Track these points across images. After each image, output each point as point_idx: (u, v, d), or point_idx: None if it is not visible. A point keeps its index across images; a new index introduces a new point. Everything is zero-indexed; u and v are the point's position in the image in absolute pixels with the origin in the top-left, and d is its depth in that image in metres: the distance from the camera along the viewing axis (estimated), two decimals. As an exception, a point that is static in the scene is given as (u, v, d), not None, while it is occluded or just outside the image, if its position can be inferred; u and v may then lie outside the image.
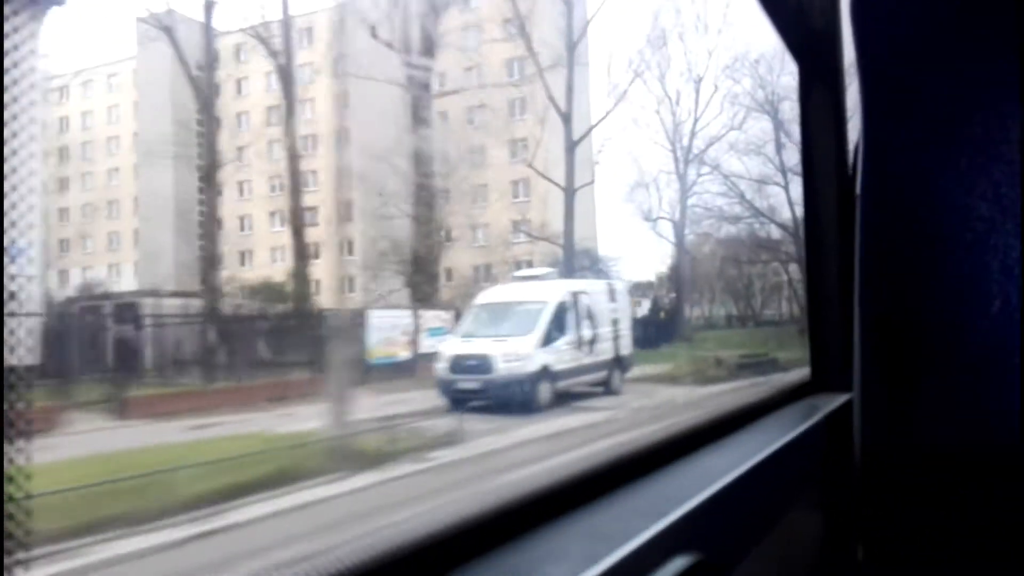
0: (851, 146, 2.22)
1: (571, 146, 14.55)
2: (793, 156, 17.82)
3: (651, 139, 22.62)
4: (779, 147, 18.45)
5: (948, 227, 1.35)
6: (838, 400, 1.90)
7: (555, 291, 10.65)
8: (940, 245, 1.35)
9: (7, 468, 0.57)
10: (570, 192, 14.37)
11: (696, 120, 18.01)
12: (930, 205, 1.36)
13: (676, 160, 17.91)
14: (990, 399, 1.32)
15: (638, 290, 16.43)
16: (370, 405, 7.92)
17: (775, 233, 19.04)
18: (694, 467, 1.28)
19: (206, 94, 12.43)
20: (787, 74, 17.60)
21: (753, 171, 18.69)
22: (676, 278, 18.01)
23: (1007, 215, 1.31)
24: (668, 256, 18.32)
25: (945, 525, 1.37)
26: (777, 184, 18.61)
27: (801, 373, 2.28)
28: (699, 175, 18.02)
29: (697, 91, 17.96)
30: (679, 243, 18.18)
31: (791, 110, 17.17)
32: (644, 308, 16.37)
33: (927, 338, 1.37)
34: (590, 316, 10.77)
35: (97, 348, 8.89)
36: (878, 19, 1.43)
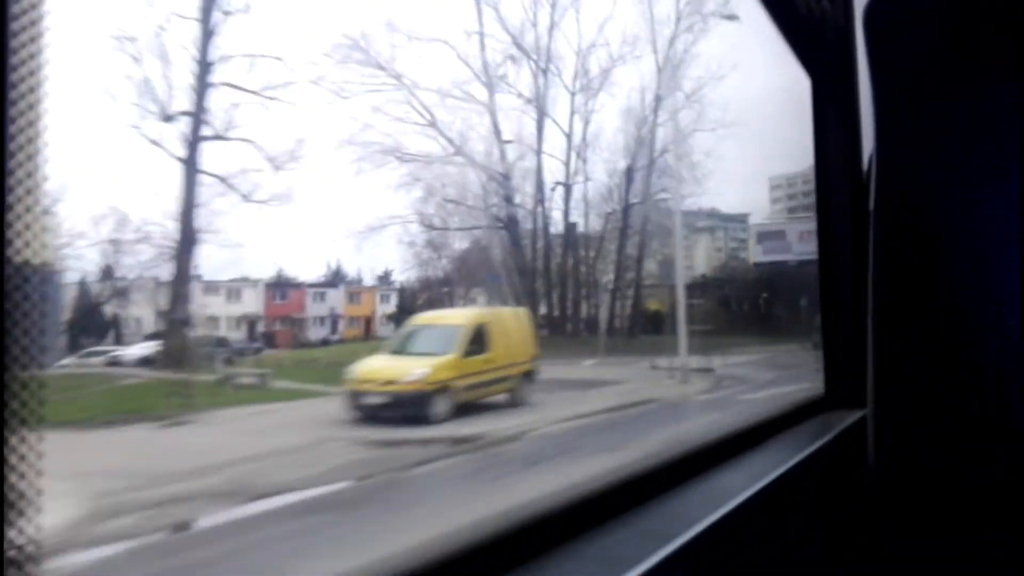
0: (865, 162, 2.21)
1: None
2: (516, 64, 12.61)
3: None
4: (482, 40, 10.83)
5: (962, 244, 1.34)
6: (851, 417, 1.89)
7: None
8: (954, 262, 1.34)
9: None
10: None
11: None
12: (944, 222, 1.35)
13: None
14: (1006, 417, 1.31)
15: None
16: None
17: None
18: (705, 488, 1.28)
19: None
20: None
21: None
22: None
23: (1021, 233, 1.30)
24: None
25: (961, 544, 1.35)
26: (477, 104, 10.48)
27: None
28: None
29: None
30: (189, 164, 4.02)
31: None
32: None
33: (941, 355, 1.36)
34: None
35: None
36: (892, 36, 1.42)
